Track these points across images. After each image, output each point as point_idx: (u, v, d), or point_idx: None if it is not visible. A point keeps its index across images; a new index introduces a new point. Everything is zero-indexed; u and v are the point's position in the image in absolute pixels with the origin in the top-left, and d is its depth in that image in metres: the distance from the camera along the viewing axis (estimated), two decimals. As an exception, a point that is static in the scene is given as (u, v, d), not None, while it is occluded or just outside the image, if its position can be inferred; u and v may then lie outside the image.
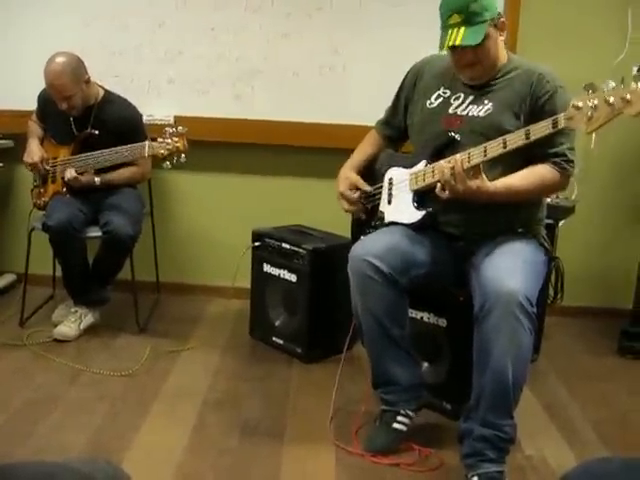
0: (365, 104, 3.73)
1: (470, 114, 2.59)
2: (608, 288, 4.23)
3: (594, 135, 3.62)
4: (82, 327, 3.57)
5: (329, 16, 3.96)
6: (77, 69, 3.46)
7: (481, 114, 2.57)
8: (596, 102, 2.12)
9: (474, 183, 2.40)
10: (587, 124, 2.15)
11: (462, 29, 2.44)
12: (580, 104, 2.16)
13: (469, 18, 2.44)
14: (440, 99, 2.68)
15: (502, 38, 2.56)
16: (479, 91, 2.61)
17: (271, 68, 4.03)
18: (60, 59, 3.42)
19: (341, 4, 3.94)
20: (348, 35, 3.97)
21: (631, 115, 2.07)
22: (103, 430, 2.71)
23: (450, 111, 2.64)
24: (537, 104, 2.48)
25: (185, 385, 3.13)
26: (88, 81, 3.52)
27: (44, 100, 3.65)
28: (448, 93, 2.67)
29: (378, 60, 3.91)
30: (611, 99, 2.09)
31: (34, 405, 2.87)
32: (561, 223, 3.48)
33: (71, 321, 3.55)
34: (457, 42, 2.44)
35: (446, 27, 2.48)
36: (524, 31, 3.90)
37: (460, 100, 2.63)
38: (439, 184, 2.46)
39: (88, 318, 3.62)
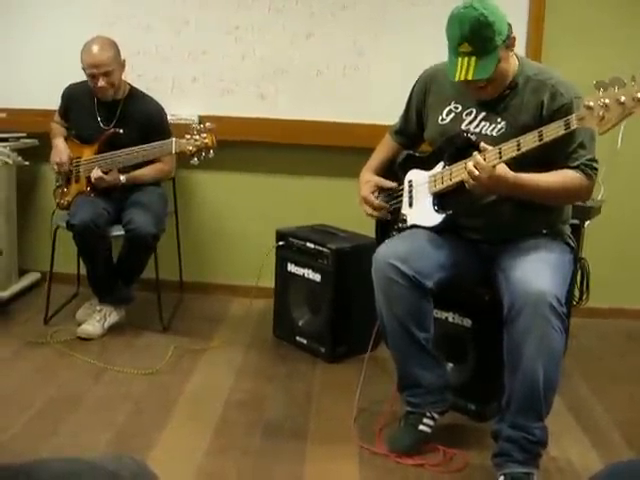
0: (389, 104, 3.68)
1: (483, 132, 2.53)
2: (635, 289, 4.19)
3: (621, 134, 3.62)
4: (106, 326, 3.59)
5: (353, 16, 3.95)
6: (116, 48, 3.50)
7: (494, 134, 2.50)
8: (607, 101, 2.06)
9: (498, 169, 2.34)
10: (599, 125, 2.10)
11: (473, 60, 2.33)
12: (591, 104, 2.09)
13: (481, 48, 2.32)
14: (452, 115, 2.62)
15: (512, 53, 2.47)
16: (491, 107, 2.53)
17: (295, 68, 4.03)
18: (100, 37, 3.46)
19: (365, 4, 3.93)
20: (372, 35, 3.96)
21: None
22: (126, 428, 2.71)
23: (463, 127, 2.58)
24: (553, 119, 2.31)
25: (208, 384, 3.14)
26: (124, 64, 3.55)
27: (69, 97, 3.68)
28: (459, 108, 2.60)
29: (402, 60, 3.88)
30: (622, 98, 2.03)
31: (57, 403, 2.88)
32: (587, 224, 3.45)
33: (95, 319, 3.57)
34: (469, 77, 2.34)
35: (456, 53, 2.37)
36: (549, 31, 3.86)
37: (472, 116, 2.56)
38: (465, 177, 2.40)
39: (112, 316, 3.63)
